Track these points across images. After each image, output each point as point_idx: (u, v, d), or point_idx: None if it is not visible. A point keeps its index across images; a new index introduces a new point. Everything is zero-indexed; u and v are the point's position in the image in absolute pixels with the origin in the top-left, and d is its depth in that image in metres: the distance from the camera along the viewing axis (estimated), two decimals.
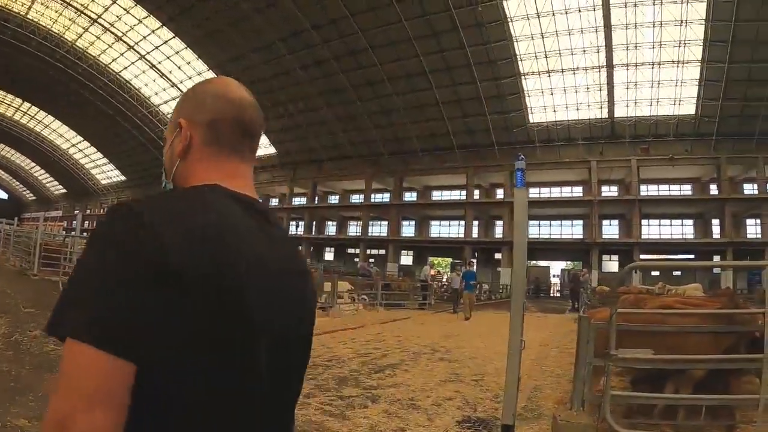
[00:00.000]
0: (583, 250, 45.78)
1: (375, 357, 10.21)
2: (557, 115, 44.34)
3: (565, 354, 11.97)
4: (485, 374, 9.28)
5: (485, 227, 52.74)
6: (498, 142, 45.79)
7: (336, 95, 47.38)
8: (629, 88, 41.30)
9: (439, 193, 55.49)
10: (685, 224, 48.28)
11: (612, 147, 44.22)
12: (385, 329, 15.27)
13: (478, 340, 14.08)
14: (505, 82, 42.10)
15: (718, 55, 37.06)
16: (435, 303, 27.55)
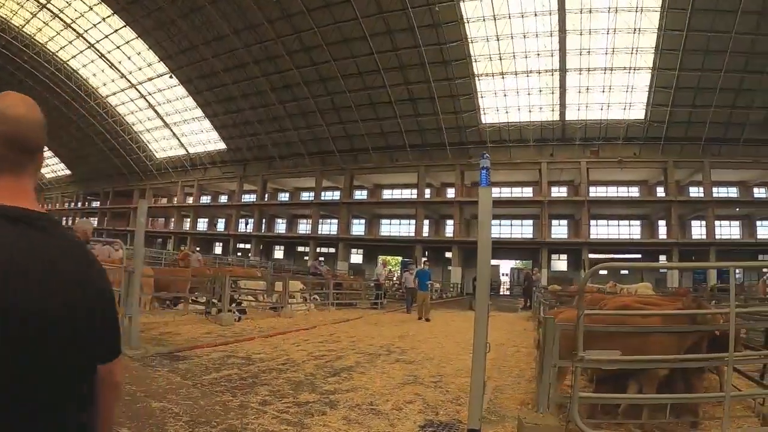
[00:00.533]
0: (532, 250, 46.21)
1: (330, 359, 9.88)
2: (509, 116, 44.64)
3: (523, 353, 12.05)
4: (444, 375, 9.07)
5: (435, 226, 53.11)
6: (450, 142, 45.94)
7: (288, 91, 46.77)
8: (581, 92, 42.04)
9: (389, 191, 55.41)
10: (632, 225, 49.77)
11: (562, 149, 44.88)
12: (338, 330, 14.92)
13: (433, 340, 13.92)
14: (459, 82, 42.17)
15: (669, 63, 38.28)
16: (387, 302, 27.01)
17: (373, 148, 48.60)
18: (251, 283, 18.75)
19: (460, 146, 46.32)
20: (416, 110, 45.01)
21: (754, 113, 40.82)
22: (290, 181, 56.58)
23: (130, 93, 55.27)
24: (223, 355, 9.47)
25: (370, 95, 44.76)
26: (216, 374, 7.77)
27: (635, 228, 50.13)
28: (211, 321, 13.66)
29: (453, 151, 46.45)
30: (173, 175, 61.18)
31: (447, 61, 40.93)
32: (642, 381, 5.83)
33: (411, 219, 50.72)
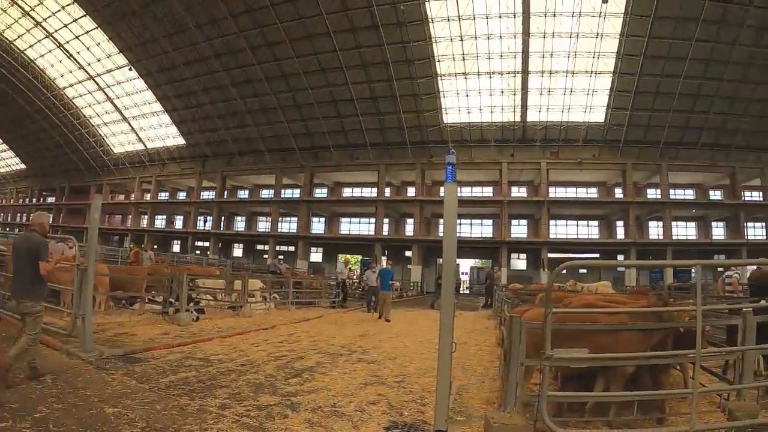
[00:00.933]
0: (492, 249, 46.36)
1: (290, 360, 9.64)
2: (471, 116, 44.85)
3: (486, 352, 11.98)
4: (407, 375, 8.93)
5: (396, 225, 53.03)
6: (411, 141, 45.96)
7: (250, 86, 46.15)
8: (543, 94, 42.48)
9: (349, 189, 55.11)
10: (591, 225, 50.61)
11: (523, 150, 45.35)
12: (299, 329, 14.66)
13: (395, 339, 13.76)
14: (422, 81, 42.14)
15: (630, 68, 39.31)
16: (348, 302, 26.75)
17: (334, 146, 48.30)
18: (210, 281, 18.30)
19: (421, 145, 46.37)
20: (378, 109, 44.85)
21: (712, 119, 42.34)
22: (250, 178, 55.87)
23: (88, 85, 53.74)
24: (181, 356, 9.20)
25: (332, 93, 44.43)
26: (173, 377, 7.52)
27: (594, 228, 51.08)
28: (169, 321, 13.27)
29: (414, 150, 46.50)
30: (131, 170, 59.88)
31: (410, 60, 40.85)
32: (609, 378, 5.89)
33: (371, 218, 50.57)
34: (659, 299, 7.12)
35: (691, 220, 50.28)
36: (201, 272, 20.27)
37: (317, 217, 54.73)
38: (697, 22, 35.95)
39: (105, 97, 54.19)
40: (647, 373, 6.11)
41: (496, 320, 18.72)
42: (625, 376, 5.84)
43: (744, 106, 41.76)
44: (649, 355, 5.69)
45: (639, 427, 5.84)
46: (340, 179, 54.01)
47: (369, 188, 51.79)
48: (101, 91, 53.53)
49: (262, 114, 48.17)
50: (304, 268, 45.40)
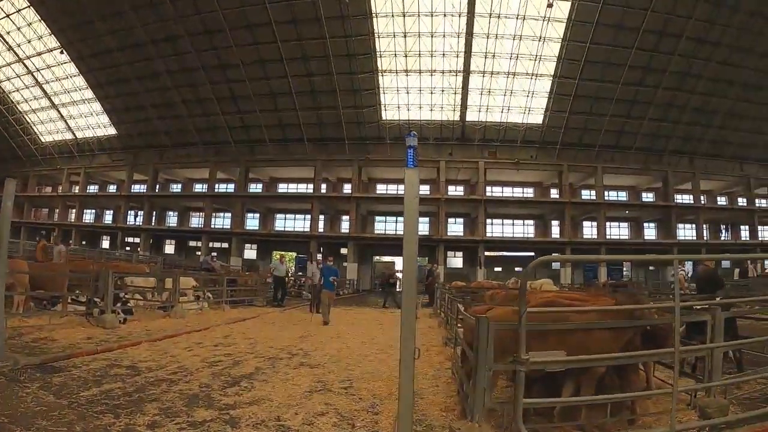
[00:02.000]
0: (429, 247, 45.92)
1: (227, 366, 8.84)
2: (410, 114, 44.90)
3: (433, 353, 11.49)
4: (353, 380, 8.36)
5: (331, 222, 52.11)
6: (349, 137, 45.69)
7: (185, 76, 44.61)
8: (483, 94, 42.97)
9: (285, 185, 54.16)
10: (526, 224, 51.45)
11: (461, 149, 45.85)
12: (234, 331, 13.83)
13: (337, 340, 13.14)
14: (362, 77, 41.90)
15: (570, 72, 40.71)
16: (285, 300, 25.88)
17: (270, 140, 47.31)
18: (139, 279, 17.13)
19: (359, 142, 46.12)
20: (317, 103, 44.29)
21: (647, 124, 44.66)
22: (183, 171, 54.03)
23: (17, 68, 51.05)
24: (106, 364, 8.30)
25: (271, 85, 43.54)
26: (96, 389, 6.61)
27: (529, 227, 51.91)
28: (93, 324, 12.25)
29: (351, 146, 46.16)
30: (59, 161, 57.01)
31: (352, 55, 40.56)
32: (581, 380, 5.61)
33: (306, 214, 49.62)
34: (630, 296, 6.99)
35: (624, 221, 52.26)
36: (129, 269, 19.01)
37: (252, 213, 53.08)
38: (638, 31, 37.88)
39: (34, 82, 51.37)
40: (616, 373, 5.90)
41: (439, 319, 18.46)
42: (597, 376, 5.59)
43: (678, 114, 44.39)
44: (632, 354, 5.52)
45: (609, 429, 5.66)
46: (275, 174, 52.99)
47: (305, 184, 51.08)
48: (30, 75, 50.91)
49: (197, 105, 46.68)
50: (238, 265, 44.16)
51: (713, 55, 40.76)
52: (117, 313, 12.91)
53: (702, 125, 46.09)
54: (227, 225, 51.40)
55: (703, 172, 48.52)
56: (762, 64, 41.82)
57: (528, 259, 47.26)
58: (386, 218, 51.62)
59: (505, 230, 50.93)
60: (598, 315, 5.72)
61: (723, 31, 39.18)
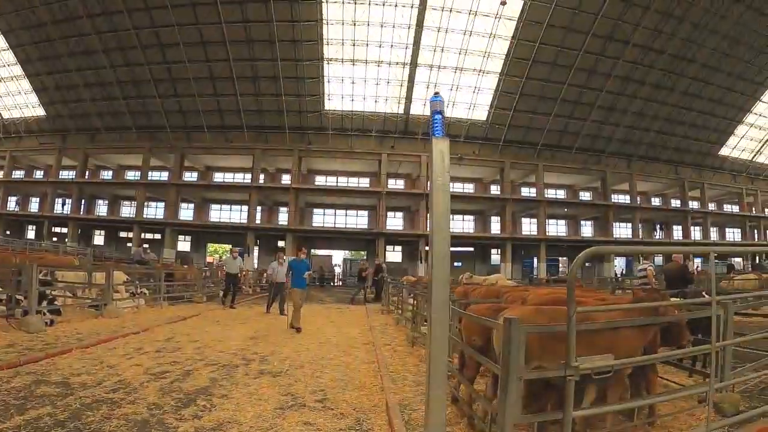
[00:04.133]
0: (367, 240, 45.28)
1: (176, 377, 7.67)
2: (354, 105, 44.05)
3: (402, 353, 10.80)
4: (326, 390, 7.41)
5: (268, 214, 50.87)
6: (290, 126, 44.61)
7: (122, 54, 41.99)
8: (429, 88, 42.38)
9: (221, 175, 52.41)
10: (466, 219, 51.93)
11: (404, 142, 45.43)
12: (177, 331, 12.57)
13: (293, 340, 12.21)
14: (307, 64, 40.74)
15: (518, 71, 41.31)
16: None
17: (208, 127, 45.38)
18: (70, 274, 15.54)
19: (300, 131, 45.08)
20: (258, 89, 42.81)
21: (589, 125, 46.02)
22: (115, 157, 51.11)
23: None
24: (31, 380, 6.99)
25: (212, 68, 41.78)
26: (20, 418, 5.34)
27: (469, 223, 52.33)
28: (15, 327, 10.75)
29: (292, 135, 45.05)
30: None
31: (297, 41, 39.37)
32: (608, 384, 5.15)
33: (243, 205, 48.31)
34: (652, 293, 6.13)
35: (562, 219, 53.94)
36: (56, 262, 17.48)
37: (186, 202, 51.09)
38: (587, 34, 39.00)
39: None
40: (641, 373, 5.66)
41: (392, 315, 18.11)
42: (623, 378, 5.28)
43: (619, 117, 46.22)
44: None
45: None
46: (212, 163, 51.23)
47: (242, 174, 49.42)
48: None
49: (132, 86, 44.10)
50: (171, 257, 42.61)
51: (656, 63, 42.66)
52: (43, 314, 11.55)
53: (641, 129, 48.32)
54: (160, 215, 49.31)
55: (640, 173, 50.85)
56: (702, 74, 44.51)
57: (467, 254, 48.27)
58: (325, 211, 50.79)
59: None
60: (627, 313, 5.37)
61: (668, 41, 41.06)
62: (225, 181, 51.12)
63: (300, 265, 15.42)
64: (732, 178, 55.98)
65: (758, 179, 57.63)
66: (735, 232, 60.10)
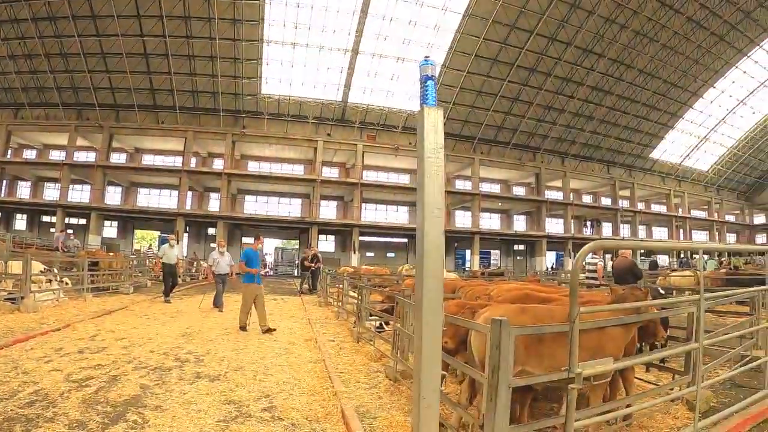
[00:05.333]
0: (299, 229, 44.45)
1: (102, 385, 6.67)
2: (292, 90, 43.21)
3: (348, 350, 10.22)
4: (272, 397, 6.65)
5: (199, 199, 49.25)
6: (224, 109, 43.38)
7: (52, 25, 39.04)
8: (369, 76, 42.41)
9: (151, 157, 50.08)
10: (400, 210, 51.73)
11: (340, 130, 45.18)
12: (102, 328, 11.35)
13: (228, 337, 11.28)
14: (246, 44, 39.42)
15: (460, 64, 41.67)
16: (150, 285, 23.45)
17: (139, 106, 43.36)
18: None
19: (235, 114, 44.01)
20: (193, 69, 41.16)
21: (526, 123, 47.32)
22: (39, 135, 47.82)
23: None
24: None
25: (146, 44, 39.60)
26: None
27: (403, 214, 52.05)
28: None
29: (226, 118, 43.85)
30: None
31: (238, 20, 38.04)
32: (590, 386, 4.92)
33: (173, 190, 46.58)
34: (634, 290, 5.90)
35: (495, 212, 54.84)
36: None
37: (114, 186, 48.61)
38: (530, 33, 40.14)
39: None
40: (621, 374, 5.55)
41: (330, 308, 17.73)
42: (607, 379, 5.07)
43: (556, 116, 47.76)
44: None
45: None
46: (141, 145, 48.87)
47: (172, 157, 47.64)
48: None
49: (61, 59, 41.26)
50: (97, 243, 40.42)
51: (596, 66, 44.52)
52: None
53: (577, 129, 50.04)
54: (86, 199, 46.60)
55: (574, 171, 52.35)
56: (639, 79, 47.14)
57: (400, 245, 48.20)
58: (257, 198, 49.58)
59: (378, 215, 50.50)
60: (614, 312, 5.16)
61: (609, 45, 42.93)
62: (155, 164, 48.74)
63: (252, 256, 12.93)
64: (661, 179, 58.65)
65: (685, 182, 60.74)
66: (662, 231, 62.78)
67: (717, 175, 63.56)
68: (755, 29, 44.93)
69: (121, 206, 47.01)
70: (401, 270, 23.80)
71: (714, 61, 47.50)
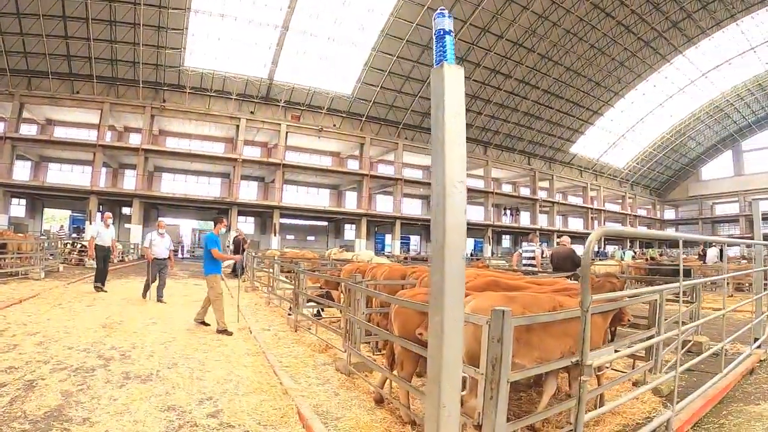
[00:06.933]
0: (217, 210, 43.37)
1: (17, 393, 5.67)
2: (217, 63, 41.54)
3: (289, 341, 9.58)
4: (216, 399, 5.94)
5: (113, 177, 47.04)
6: (144, 81, 41.26)
7: None
8: (297, 55, 41.40)
9: (64, 130, 46.79)
10: (321, 193, 52.11)
11: (264, 108, 44.28)
12: (11, 320, 10.11)
13: (154, 327, 10.41)
14: (172, 12, 37.22)
15: (390, 48, 41.60)
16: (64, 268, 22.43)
17: (53, 73, 40.50)
18: None
19: (155, 87, 41.91)
20: (114, 35, 38.69)
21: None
22: None
23: None
24: None
25: (65, 5, 36.74)
26: None
27: (324, 197, 52.36)
28: None
29: (146, 90, 41.72)
30: None
31: None
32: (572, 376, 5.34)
33: (86, 165, 44.10)
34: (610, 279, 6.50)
35: (417, 198, 56.21)
36: None
37: (22, 160, 45.07)
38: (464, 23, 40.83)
39: None
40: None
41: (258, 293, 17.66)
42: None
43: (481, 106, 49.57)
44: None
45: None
46: (53, 116, 45.89)
47: (86, 130, 45.13)
48: None
49: None
50: (4, 223, 37.80)
51: (525, 60, 45.78)
52: None
53: (501, 119, 51.08)
54: None
55: (495, 161, 53.44)
56: (565, 76, 48.64)
57: (321, 228, 48.09)
58: (175, 176, 48.08)
59: (299, 198, 49.97)
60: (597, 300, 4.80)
61: (539, 41, 44.33)
62: (68, 137, 44.80)
63: (211, 238, 11.11)
64: (579, 173, 60.41)
65: (602, 176, 63.12)
66: (578, 221, 65.04)
67: (632, 171, 66.42)
68: (680, 38, 47.07)
69: (30, 182, 43.67)
70: (329, 254, 23.35)
71: (638, 65, 49.57)
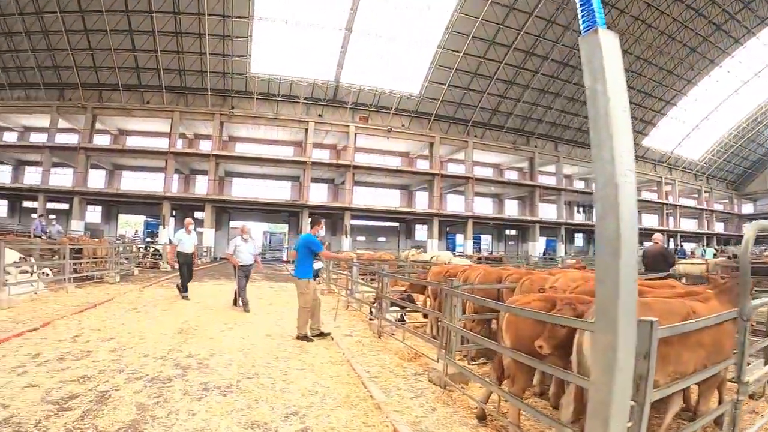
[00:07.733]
0: (288, 212, 43.54)
1: (89, 406, 5.35)
2: (283, 69, 41.74)
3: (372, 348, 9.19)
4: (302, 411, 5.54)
5: (185, 182, 48.03)
6: (212, 89, 41.85)
7: (31, 1, 37.18)
8: (362, 56, 41.15)
9: (135, 139, 48.18)
10: (391, 194, 51.72)
11: (332, 111, 44.21)
12: (85, 325, 9.93)
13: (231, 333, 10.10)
14: (236, 21, 37.66)
15: (456, 45, 40.76)
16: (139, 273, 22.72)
17: (123, 86, 41.68)
18: None
19: (223, 94, 42.59)
20: (180, 46, 39.56)
21: (520, 106, 46.89)
22: (20, 117, 45.94)
23: None
24: None
25: (130, 20, 37.76)
26: None
27: (394, 197, 51.88)
28: None
29: (214, 98, 42.36)
30: None
31: None
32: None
33: (158, 173, 45.02)
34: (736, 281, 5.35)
35: (488, 197, 54.78)
36: None
37: (97, 169, 46.66)
38: (529, 15, 39.46)
39: None
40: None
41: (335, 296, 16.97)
42: None
43: (551, 100, 47.35)
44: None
45: None
46: (125, 126, 47.17)
47: (158, 139, 45.96)
48: None
49: (42, 37, 39.38)
50: (80, 229, 38.98)
51: None
52: None
53: (571, 114, 49.63)
54: (68, 183, 43.97)
55: (567, 157, 52.18)
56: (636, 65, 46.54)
57: (392, 229, 47.51)
58: (246, 181, 48.47)
59: (369, 199, 49.42)
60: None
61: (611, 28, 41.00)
62: (140, 146, 46.21)
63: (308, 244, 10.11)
64: (653, 167, 58.24)
65: (676, 170, 60.53)
66: (652, 218, 62.31)
67: (707, 164, 63.75)
68: (752, 19, 44.77)
69: (104, 190, 45.24)
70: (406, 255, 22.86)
71: (710, 50, 47.24)
